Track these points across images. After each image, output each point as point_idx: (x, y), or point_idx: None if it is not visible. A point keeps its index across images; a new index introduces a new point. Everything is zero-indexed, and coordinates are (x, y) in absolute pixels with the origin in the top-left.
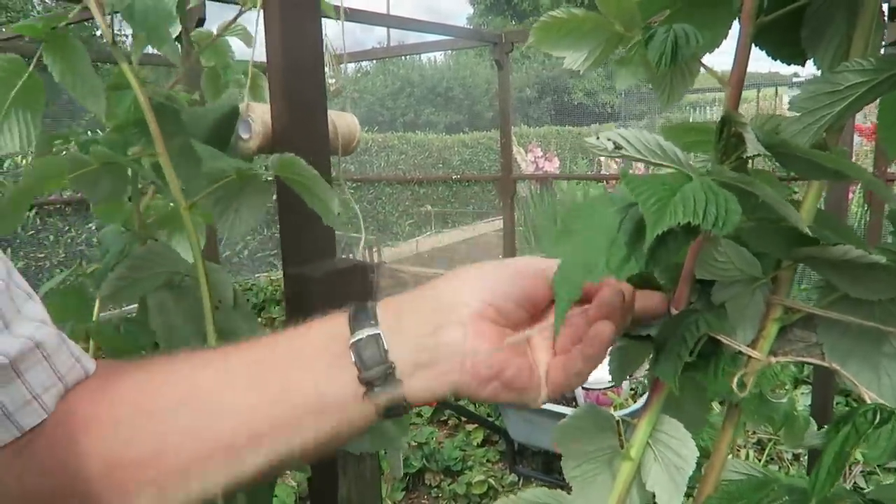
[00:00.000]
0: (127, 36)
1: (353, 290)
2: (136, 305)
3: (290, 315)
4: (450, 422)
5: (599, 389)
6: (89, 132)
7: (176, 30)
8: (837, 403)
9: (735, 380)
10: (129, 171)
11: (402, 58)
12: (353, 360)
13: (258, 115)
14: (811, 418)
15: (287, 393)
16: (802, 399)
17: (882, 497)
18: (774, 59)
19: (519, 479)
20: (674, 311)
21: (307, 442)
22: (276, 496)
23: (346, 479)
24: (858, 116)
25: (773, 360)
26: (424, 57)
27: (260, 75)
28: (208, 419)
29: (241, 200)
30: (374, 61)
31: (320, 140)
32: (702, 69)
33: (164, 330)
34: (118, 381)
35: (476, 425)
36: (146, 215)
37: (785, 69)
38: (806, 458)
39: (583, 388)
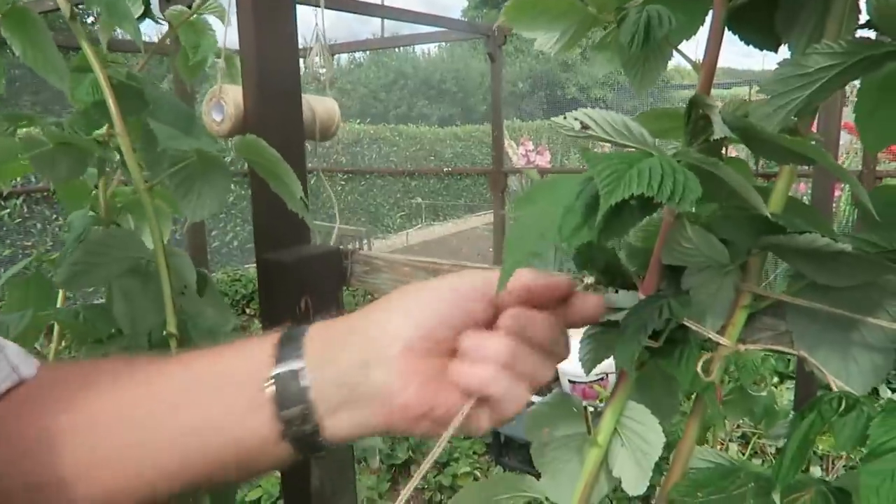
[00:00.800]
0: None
1: (326, 276)
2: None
3: (262, 301)
4: None
5: (586, 383)
6: None
7: (138, 8)
8: None
9: (699, 364)
10: (96, 153)
11: (396, 50)
12: (272, 397)
13: (231, 98)
14: (793, 412)
15: (207, 427)
16: (787, 394)
17: (847, 485)
18: (748, 44)
19: (504, 471)
20: (641, 297)
21: (227, 474)
22: (260, 486)
23: (318, 469)
24: (848, 113)
25: (741, 347)
26: (418, 49)
27: (235, 56)
28: (129, 441)
29: (203, 182)
30: (368, 52)
31: (294, 125)
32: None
33: (128, 317)
34: (50, 391)
35: None
36: (112, 201)
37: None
38: None
39: (569, 381)
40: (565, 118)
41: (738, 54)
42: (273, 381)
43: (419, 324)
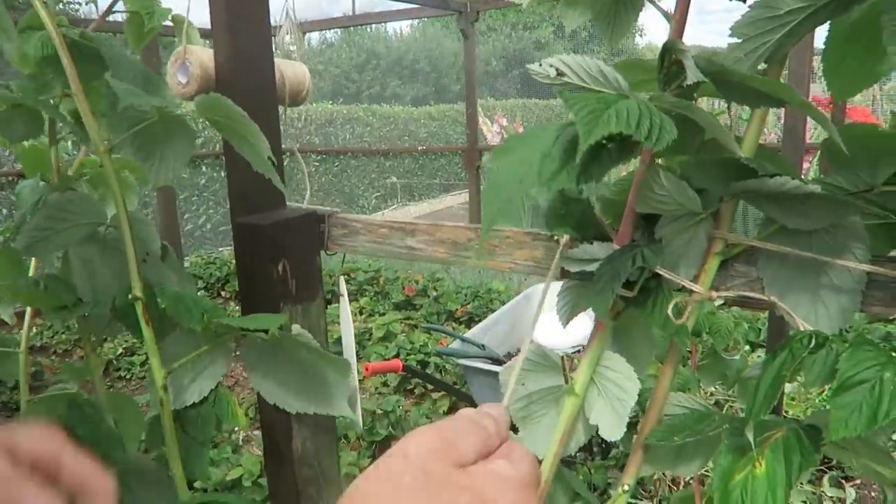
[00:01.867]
0: (80, 3)
1: (303, 239)
2: None
3: (240, 267)
4: (416, 390)
5: (565, 355)
6: None
7: None
8: None
9: (670, 307)
10: (48, 115)
11: (368, 29)
12: None
13: (196, 59)
14: None
15: None
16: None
17: (818, 422)
18: None
19: None
20: (616, 248)
21: None
22: (240, 465)
23: (300, 433)
24: (816, 88)
25: (714, 294)
26: (390, 29)
27: (192, 25)
28: None
29: (165, 145)
30: (340, 32)
31: (266, 87)
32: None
33: (88, 284)
34: None
35: (442, 393)
36: (78, 172)
37: None
38: None
39: None
40: (540, 65)
41: (709, 32)
42: None
43: None
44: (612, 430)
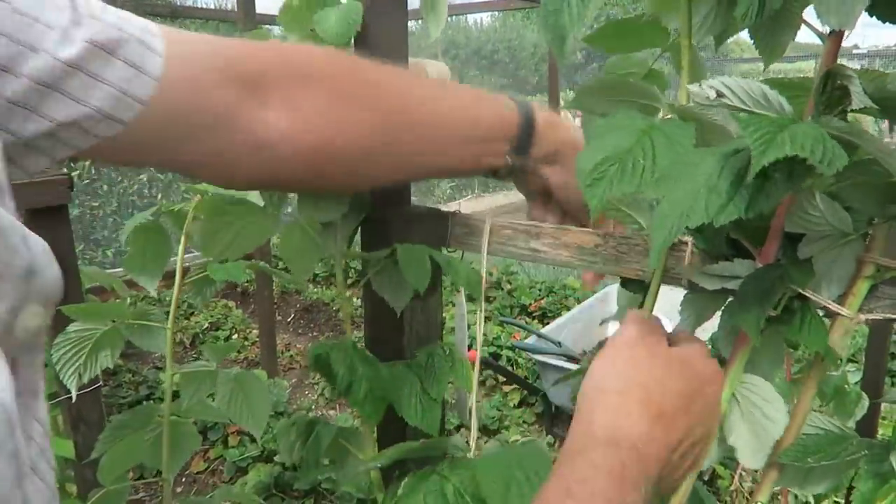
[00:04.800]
0: None
1: (425, 235)
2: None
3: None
4: (487, 382)
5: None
6: None
7: None
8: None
9: (834, 330)
10: None
11: (449, 19)
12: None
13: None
14: (863, 393)
15: (453, 167)
16: (851, 377)
17: None
18: (883, 20)
19: (555, 441)
20: (759, 265)
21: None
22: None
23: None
24: None
25: (861, 317)
26: (471, 18)
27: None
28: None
29: None
30: (419, 21)
31: None
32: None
33: None
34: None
35: (513, 387)
36: None
37: (844, 41)
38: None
39: None
40: (700, 86)
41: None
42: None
43: None
44: (753, 459)
